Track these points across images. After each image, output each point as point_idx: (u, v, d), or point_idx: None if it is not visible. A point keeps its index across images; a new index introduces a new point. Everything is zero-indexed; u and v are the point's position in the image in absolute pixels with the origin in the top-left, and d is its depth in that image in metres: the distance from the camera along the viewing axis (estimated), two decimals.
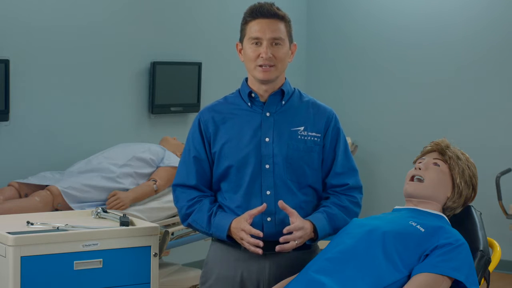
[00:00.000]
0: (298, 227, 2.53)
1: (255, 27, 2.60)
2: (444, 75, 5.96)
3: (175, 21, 5.39)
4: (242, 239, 2.55)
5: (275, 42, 2.59)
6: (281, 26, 2.61)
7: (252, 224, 2.57)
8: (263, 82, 2.63)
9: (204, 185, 2.70)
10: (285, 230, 2.52)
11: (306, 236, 2.56)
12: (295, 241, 2.53)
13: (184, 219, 2.69)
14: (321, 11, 6.56)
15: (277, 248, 2.54)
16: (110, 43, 5.00)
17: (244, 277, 2.63)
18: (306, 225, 2.56)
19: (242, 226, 2.54)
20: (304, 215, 2.62)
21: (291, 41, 2.66)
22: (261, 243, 2.53)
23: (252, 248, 2.54)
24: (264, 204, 2.56)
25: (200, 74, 5.43)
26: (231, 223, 2.58)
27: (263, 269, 2.62)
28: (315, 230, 2.59)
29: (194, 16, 5.52)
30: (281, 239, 2.53)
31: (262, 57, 2.58)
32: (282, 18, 2.62)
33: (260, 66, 2.59)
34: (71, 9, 4.77)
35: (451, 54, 5.92)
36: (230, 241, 2.62)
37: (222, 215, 2.62)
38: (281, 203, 2.55)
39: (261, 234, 2.53)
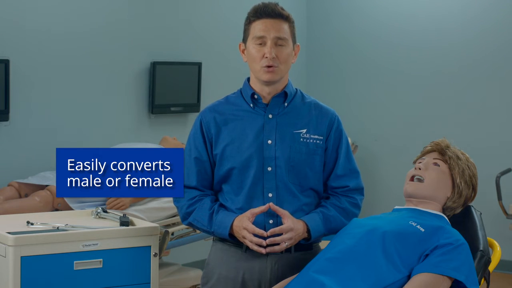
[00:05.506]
0: (287, 229, 2.52)
1: (259, 27, 2.58)
2: (444, 75, 5.96)
3: (175, 21, 5.39)
4: (244, 237, 2.54)
5: (279, 42, 2.58)
6: (285, 26, 2.60)
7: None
8: (267, 83, 2.62)
9: (204, 186, 2.68)
10: (268, 233, 2.52)
11: (298, 237, 2.56)
12: (285, 242, 2.52)
13: (185, 218, 2.68)
14: (321, 11, 6.56)
15: (267, 250, 2.53)
16: (110, 43, 5.00)
17: (245, 278, 2.62)
18: (298, 225, 2.55)
19: (245, 225, 2.53)
20: None
21: (294, 41, 2.65)
22: (264, 243, 2.52)
23: (255, 247, 2.53)
24: (267, 204, 2.55)
25: (200, 74, 5.43)
26: (233, 221, 2.57)
27: (265, 270, 2.61)
28: (308, 230, 2.58)
29: (194, 16, 5.52)
30: (268, 241, 2.52)
31: (266, 57, 2.57)
32: (286, 18, 2.61)
33: (265, 67, 2.58)
34: (71, 10, 4.77)
35: (451, 54, 5.92)
36: (232, 240, 2.61)
37: (224, 213, 2.61)
38: (272, 205, 2.54)
39: (265, 233, 2.52)
